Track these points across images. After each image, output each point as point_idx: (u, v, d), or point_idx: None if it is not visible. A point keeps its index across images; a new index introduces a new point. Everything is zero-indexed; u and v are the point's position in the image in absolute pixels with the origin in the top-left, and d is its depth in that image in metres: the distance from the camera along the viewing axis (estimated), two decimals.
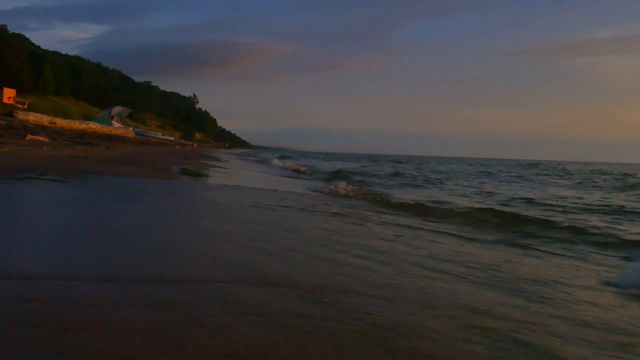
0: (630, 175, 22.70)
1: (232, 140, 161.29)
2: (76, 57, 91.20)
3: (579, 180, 18.95)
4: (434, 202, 8.69)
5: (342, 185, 11.47)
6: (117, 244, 3.12)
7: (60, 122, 24.19)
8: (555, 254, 4.66)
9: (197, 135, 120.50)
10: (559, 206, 9.17)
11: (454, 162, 49.25)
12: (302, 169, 21.05)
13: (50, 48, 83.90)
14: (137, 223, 4.04)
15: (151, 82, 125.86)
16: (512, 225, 6.24)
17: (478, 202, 9.56)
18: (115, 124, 35.03)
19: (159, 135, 56.66)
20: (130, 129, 35.41)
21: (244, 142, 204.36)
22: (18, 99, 34.81)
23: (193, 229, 4.08)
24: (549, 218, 7.02)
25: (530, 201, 10.05)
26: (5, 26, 63.54)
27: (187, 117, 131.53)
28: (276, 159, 30.60)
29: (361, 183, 13.18)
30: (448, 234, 5.33)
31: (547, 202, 9.94)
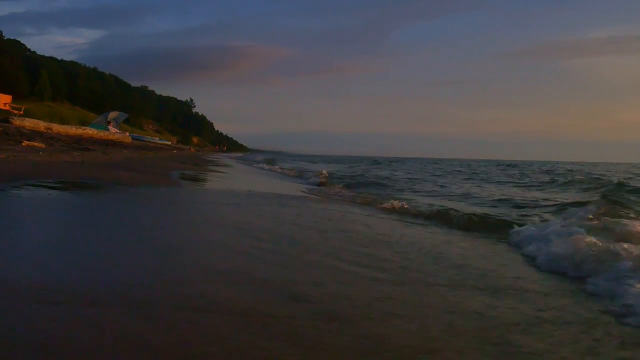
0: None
1: (229, 144, 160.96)
2: (72, 62, 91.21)
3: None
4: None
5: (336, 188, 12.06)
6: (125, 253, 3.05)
7: (57, 128, 24.08)
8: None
9: (194, 140, 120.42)
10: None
11: (445, 163, 49.57)
12: (292, 172, 21.32)
13: (46, 53, 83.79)
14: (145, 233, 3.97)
15: (147, 86, 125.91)
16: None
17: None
18: (112, 129, 34.91)
19: (156, 140, 56.47)
20: (127, 134, 35.34)
21: (242, 145, 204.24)
22: (14, 105, 34.68)
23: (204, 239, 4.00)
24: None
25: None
26: (1, 32, 63.62)
27: (184, 121, 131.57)
28: (264, 164, 30.81)
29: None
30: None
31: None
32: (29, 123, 21.85)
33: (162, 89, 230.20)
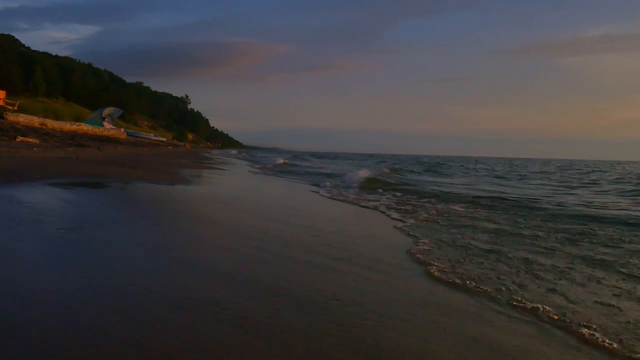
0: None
1: (224, 141, 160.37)
2: (66, 58, 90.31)
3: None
4: None
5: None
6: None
7: (51, 124, 23.94)
8: None
9: (190, 136, 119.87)
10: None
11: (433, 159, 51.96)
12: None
13: (40, 49, 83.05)
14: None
15: (142, 82, 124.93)
16: None
17: None
18: (107, 125, 34.72)
19: (151, 136, 56.20)
20: (122, 130, 35.10)
21: (237, 142, 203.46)
22: (8, 101, 34.39)
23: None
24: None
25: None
26: None
27: (179, 117, 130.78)
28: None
29: None
30: None
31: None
32: (23, 119, 21.72)
33: (158, 85, 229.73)
